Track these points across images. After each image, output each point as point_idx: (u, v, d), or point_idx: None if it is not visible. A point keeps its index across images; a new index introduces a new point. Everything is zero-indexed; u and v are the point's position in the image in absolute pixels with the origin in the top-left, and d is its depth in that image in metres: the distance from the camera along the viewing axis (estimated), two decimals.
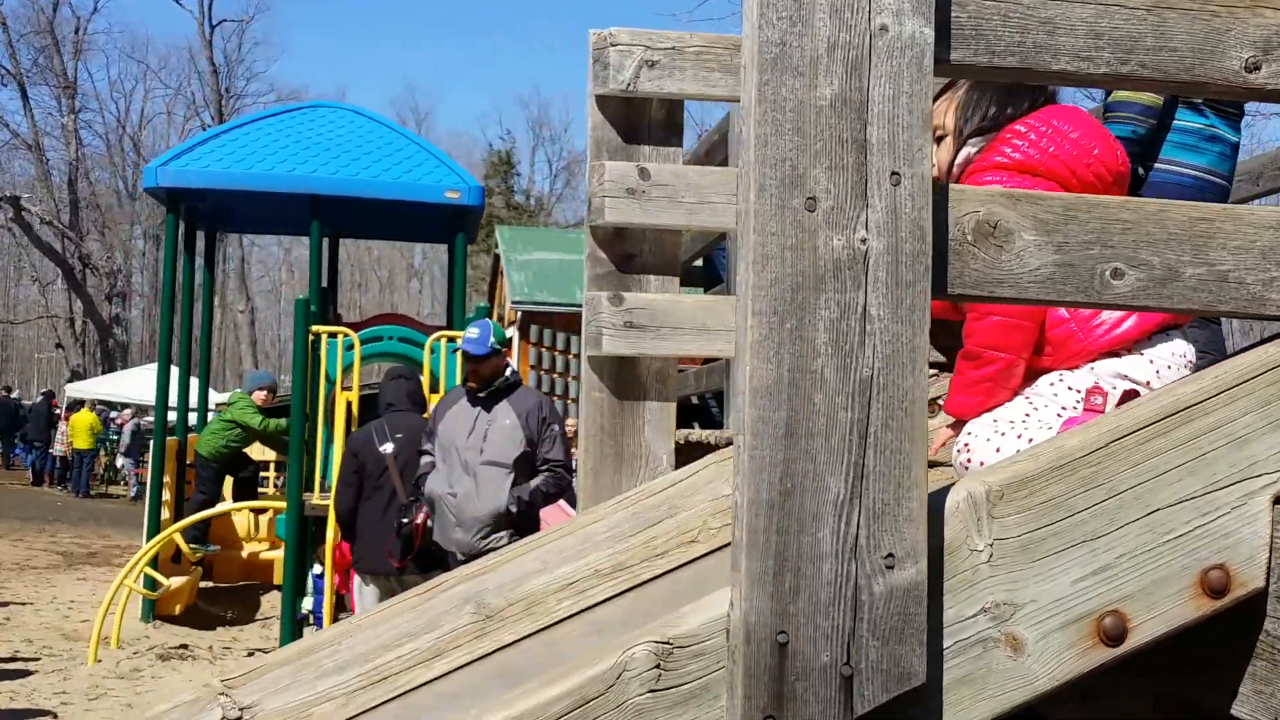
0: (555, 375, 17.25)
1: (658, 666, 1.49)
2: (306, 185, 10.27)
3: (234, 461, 10.50)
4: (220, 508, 10.06)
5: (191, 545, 9.70)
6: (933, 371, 2.74)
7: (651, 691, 1.49)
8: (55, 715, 6.60)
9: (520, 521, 5.67)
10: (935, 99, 2.37)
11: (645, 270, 2.82)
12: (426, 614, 2.64)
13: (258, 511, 11.19)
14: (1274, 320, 1.61)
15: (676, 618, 1.53)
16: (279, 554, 10.59)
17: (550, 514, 9.96)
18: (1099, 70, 1.56)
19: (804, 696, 1.44)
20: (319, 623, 7.74)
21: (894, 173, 1.46)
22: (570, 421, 8.08)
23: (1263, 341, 1.62)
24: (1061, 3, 1.54)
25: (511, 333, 15.64)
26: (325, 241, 11.40)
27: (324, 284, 11.42)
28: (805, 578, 1.44)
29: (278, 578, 10.48)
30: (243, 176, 10.15)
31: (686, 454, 4.14)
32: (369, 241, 37.97)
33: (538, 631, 2.65)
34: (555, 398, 15.26)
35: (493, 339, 5.90)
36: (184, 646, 8.63)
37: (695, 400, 7.20)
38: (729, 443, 3.19)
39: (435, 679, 2.63)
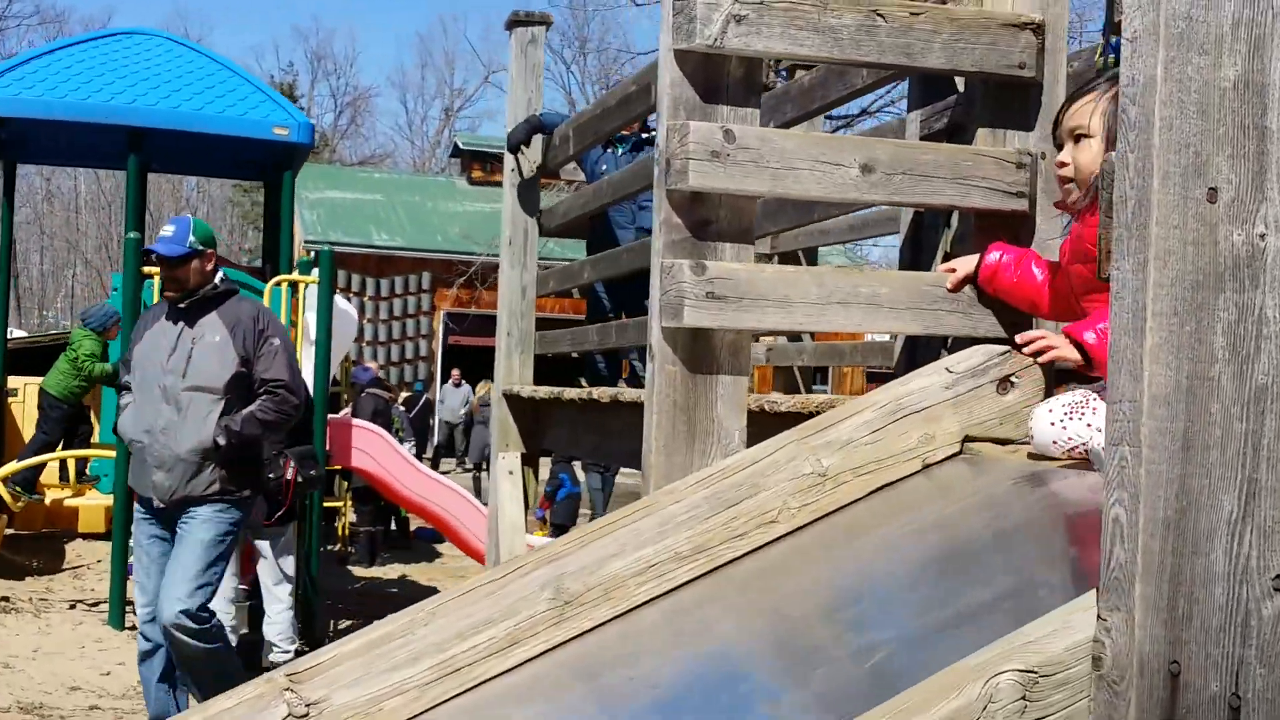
0: None
1: (1023, 698, 1.36)
2: (126, 116, 9.52)
3: (83, 410, 9.75)
4: (52, 455, 9.33)
5: (16, 489, 8.92)
6: (1003, 350, 2.67)
7: None
8: None
9: (232, 457, 4.75)
10: (1075, 99, 2.30)
11: (721, 238, 2.64)
12: (503, 600, 2.43)
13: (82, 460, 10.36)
14: None
15: (1029, 641, 1.40)
16: (84, 501, 9.93)
17: (458, 508, 9.68)
18: None
19: None
20: None
21: None
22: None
23: None
24: None
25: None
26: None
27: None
28: (1198, 603, 1.33)
29: (83, 525, 9.89)
30: (56, 105, 9.31)
31: (598, 412, 3.98)
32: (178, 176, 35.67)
33: (616, 618, 2.47)
34: None
35: (192, 237, 4.82)
36: (4, 599, 7.96)
37: (575, 355, 7.03)
38: (807, 415, 3.06)
39: (510, 669, 2.43)
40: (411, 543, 12.94)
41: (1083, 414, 2.23)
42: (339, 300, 9.22)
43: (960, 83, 2.99)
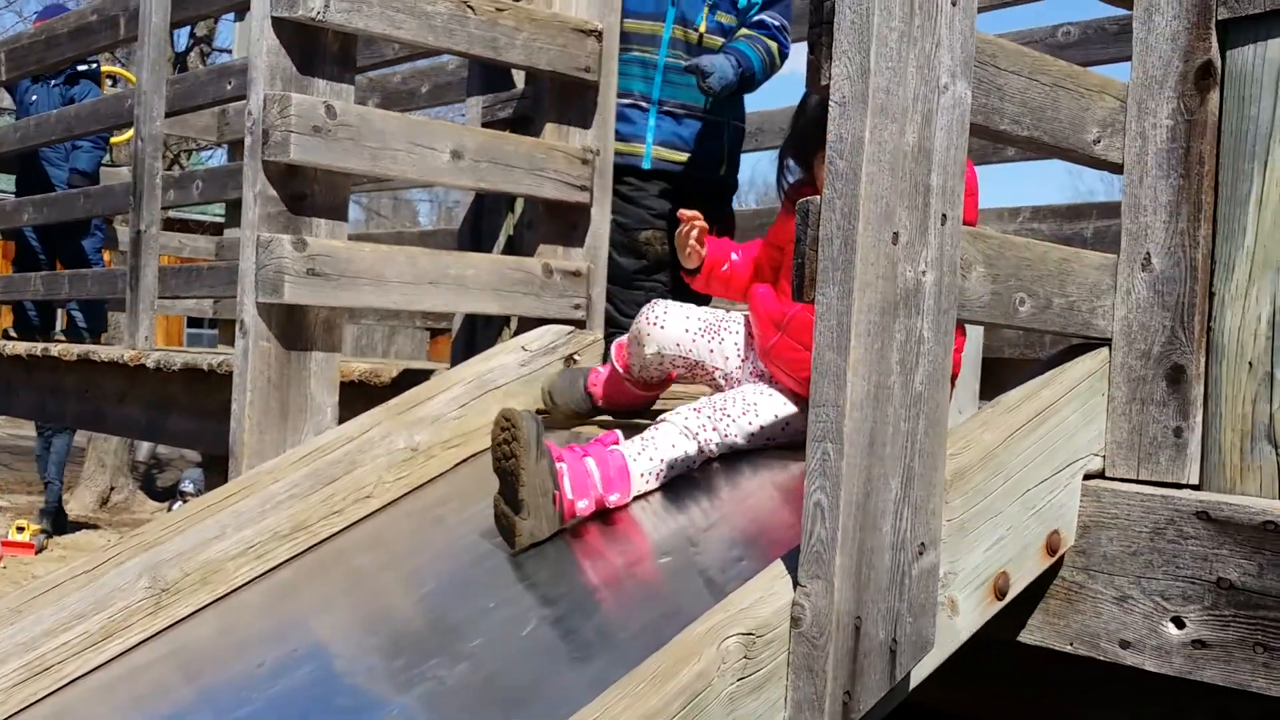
0: None
1: (745, 656, 1.60)
2: None
3: None
4: None
5: None
6: (569, 330, 2.91)
7: (739, 680, 1.60)
8: None
9: None
10: None
11: (317, 213, 2.63)
12: (97, 592, 2.31)
13: None
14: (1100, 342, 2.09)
15: (743, 609, 1.64)
16: None
17: None
18: None
19: (868, 671, 1.65)
20: None
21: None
22: None
23: (1073, 351, 2.10)
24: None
25: None
26: None
27: None
28: (874, 569, 1.64)
29: None
30: None
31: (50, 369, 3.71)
32: None
33: (215, 601, 2.42)
34: None
35: None
36: None
37: None
38: (375, 384, 3.08)
39: (105, 663, 2.30)
40: None
41: (718, 335, 2.55)
42: None
43: (520, 77, 3.18)
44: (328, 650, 2.22)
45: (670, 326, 2.53)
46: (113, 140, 7.72)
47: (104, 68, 7.91)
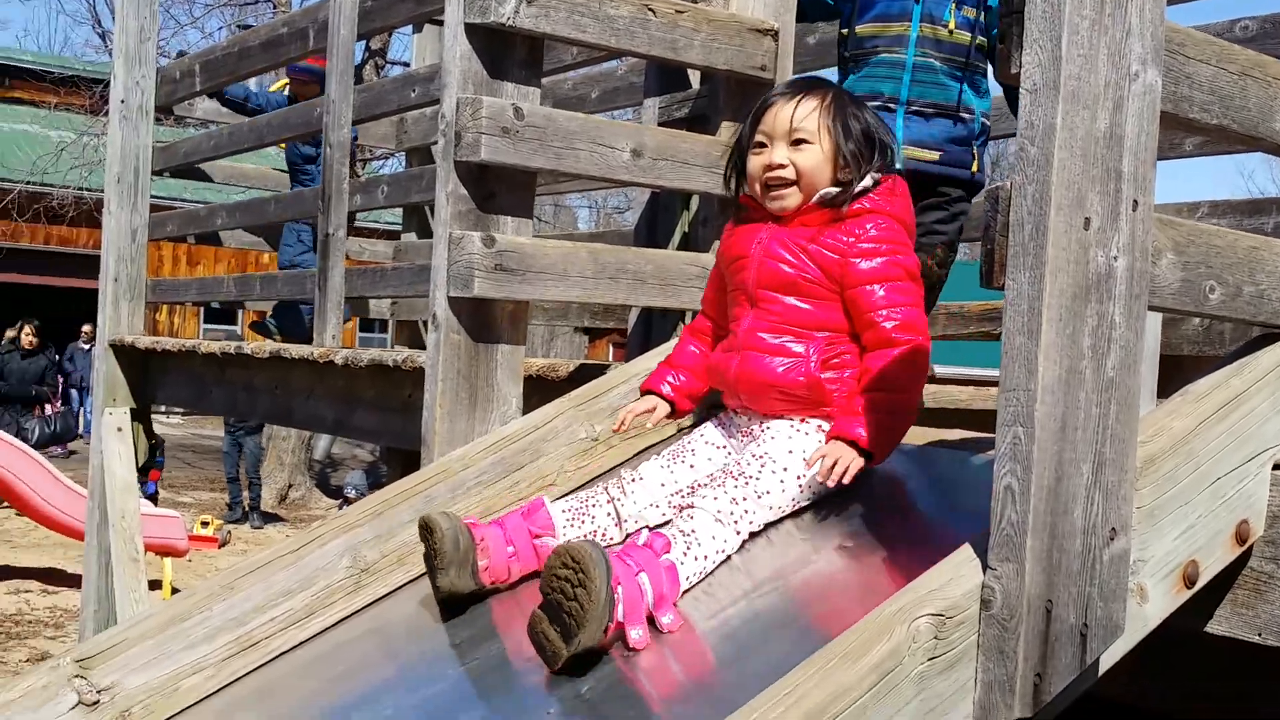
0: None
1: (935, 637, 1.63)
2: None
3: None
4: None
5: None
6: None
7: (929, 659, 1.63)
8: None
9: None
10: (787, 103, 2.32)
11: (504, 211, 2.74)
12: (302, 570, 2.44)
13: None
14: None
15: (932, 590, 1.67)
16: None
17: (20, 466, 8.74)
18: None
19: (1059, 654, 1.66)
20: None
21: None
22: None
23: (1262, 340, 2.07)
24: None
25: None
26: None
27: None
28: (1065, 552, 1.66)
29: None
30: None
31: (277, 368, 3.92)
32: None
33: (410, 582, 2.54)
34: None
35: None
36: None
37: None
38: (554, 378, 3.19)
39: (309, 639, 2.44)
40: None
41: (683, 456, 2.41)
42: None
43: (695, 77, 3.25)
44: (518, 627, 2.32)
45: (640, 491, 2.37)
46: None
47: (284, 80, 8.28)
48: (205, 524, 10.58)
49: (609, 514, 2.36)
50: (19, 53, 27.23)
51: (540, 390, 3.15)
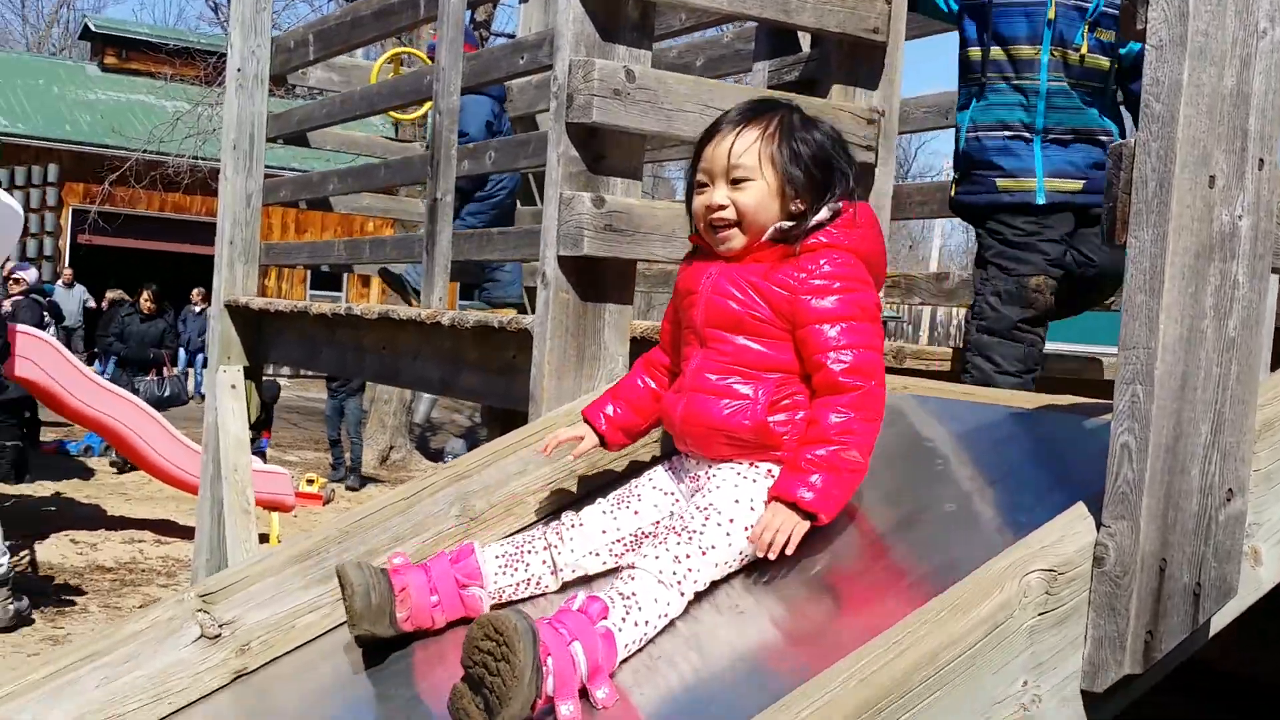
0: None
1: (1046, 592, 1.64)
2: None
3: None
4: None
5: None
6: None
7: (1040, 614, 1.64)
8: None
9: None
10: (725, 138, 2.16)
11: (614, 173, 2.78)
12: (414, 517, 2.51)
13: None
14: None
15: (1044, 545, 1.67)
16: None
17: (139, 423, 9.04)
18: None
19: (1172, 613, 1.66)
20: None
21: None
22: None
23: None
24: None
25: None
26: None
27: None
28: (1180, 511, 1.65)
29: None
30: None
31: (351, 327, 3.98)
32: None
33: (515, 533, 2.60)
34: None
35: None
36: None
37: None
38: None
39: None
40: (45, 458, 12.08)
41: (628, 499, 2.28)
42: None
43: (805, 40, 3.25)
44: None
45: (579, 539, 2.26)
46: (401, 117, 8.18)
47: (394, 49, 8.40)
48: (310, 481, 10.85)
49: (544, 561, 2.24)
50: (135, 25, 28.01)
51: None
